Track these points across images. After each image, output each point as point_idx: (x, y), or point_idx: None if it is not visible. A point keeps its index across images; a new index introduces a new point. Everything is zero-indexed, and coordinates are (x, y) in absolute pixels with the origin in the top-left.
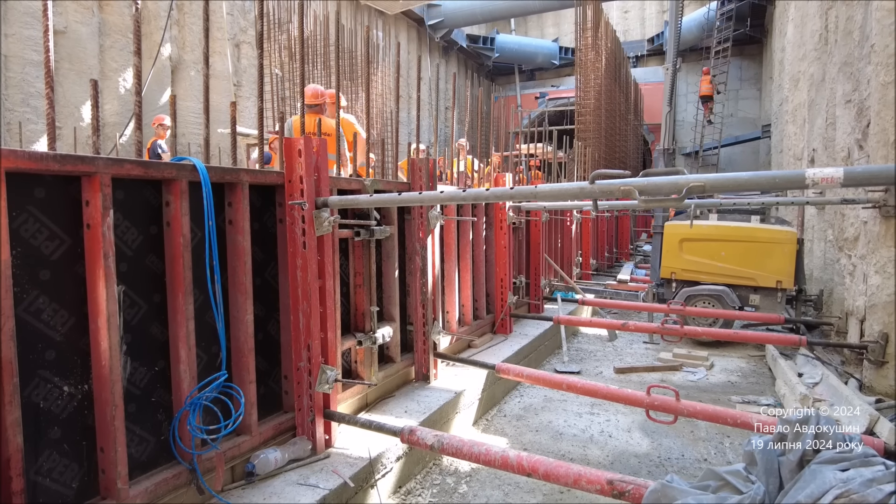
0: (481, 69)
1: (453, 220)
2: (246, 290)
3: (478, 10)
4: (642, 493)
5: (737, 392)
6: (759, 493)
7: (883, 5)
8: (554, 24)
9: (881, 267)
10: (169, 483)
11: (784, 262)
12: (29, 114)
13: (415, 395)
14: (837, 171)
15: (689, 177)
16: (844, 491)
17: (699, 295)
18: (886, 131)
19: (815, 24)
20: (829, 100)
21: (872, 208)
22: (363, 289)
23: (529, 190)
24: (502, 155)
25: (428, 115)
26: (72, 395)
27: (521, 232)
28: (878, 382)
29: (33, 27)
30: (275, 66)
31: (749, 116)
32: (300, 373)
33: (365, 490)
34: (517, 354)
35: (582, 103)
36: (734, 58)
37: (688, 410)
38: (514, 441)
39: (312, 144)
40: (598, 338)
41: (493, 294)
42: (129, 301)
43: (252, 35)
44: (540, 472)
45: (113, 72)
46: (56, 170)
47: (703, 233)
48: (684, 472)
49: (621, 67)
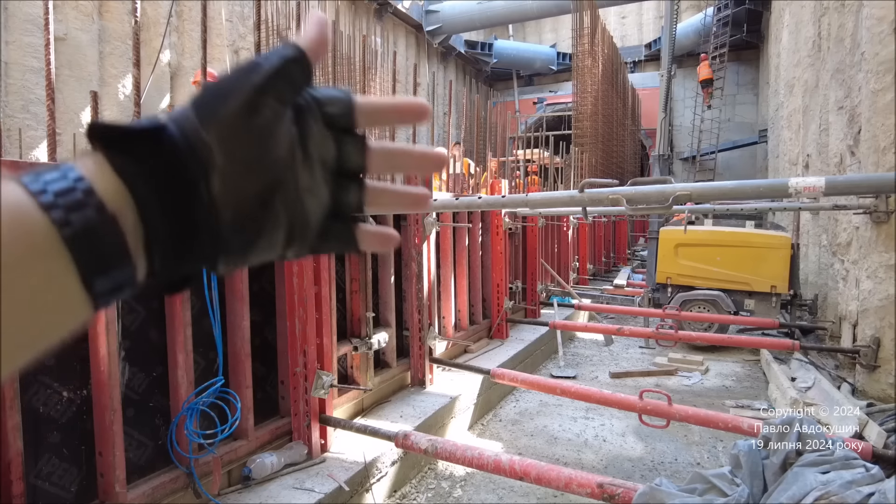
0: (479, 75)
1: (449, 227)
2: (243, 296)
3: (476, 15)
4: (631, 496)
5: (731, 396)
6: (743, 496)
7: (873, 14)
8: (552, 29)
9: (873, 272)
10: (166, 487)
11: (778, 267)
12: (29, 120)
13: (410, 400)
14: (819, 180)
15: (676, 185)
16: (825, 493)
17: (695, 300)
18: (877, 138)
19: (808, 30)
20: (823, 106)
21: (864, 214)
22: (359, 295)
23: (521, 198)
24: (499, 160)
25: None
26: (71, 400)
27: (517, 237)
28: (870, 386)
29: (33, 34)
30: None
31: (746, 121)
32: (296, 378)
33: (360, 494)
34: (513, 359)
35: (579, 109)
36: (731, 63)
37: (680, 415)
38: (509, 445)
39: None
40: (594, 342)
41: (489, 299)
42: (127, 307)
43: (251, 41)
44: (532, 476)
45: (112, 78)
46: None
47: (699, 238)
48: (677, 476)
49: (619, 73)
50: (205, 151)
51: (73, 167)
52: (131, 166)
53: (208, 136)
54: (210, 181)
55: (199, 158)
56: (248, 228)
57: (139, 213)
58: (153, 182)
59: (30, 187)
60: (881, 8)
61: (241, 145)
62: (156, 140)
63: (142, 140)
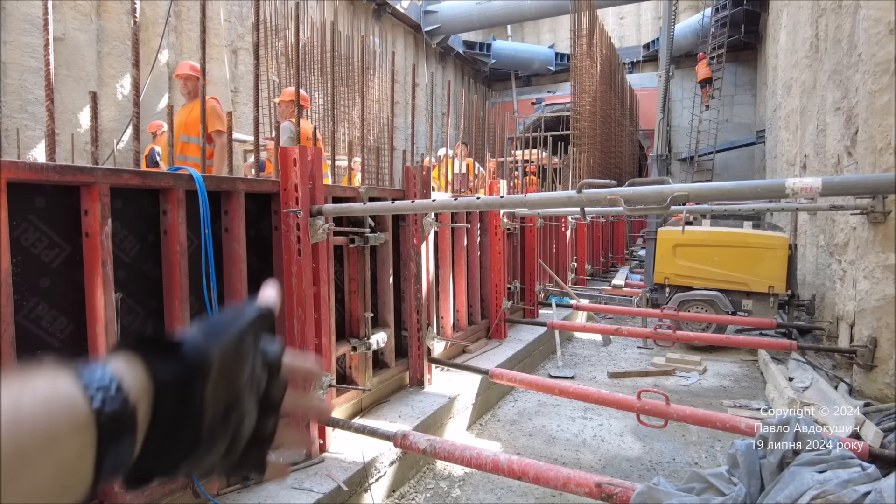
0: (478, 75)
1: (448, 227)
2: (242, 296)
3: (474, 16)
4: (629, 495)
5: (729, 396)
6: (740, 495)
7: (870, 15)
8: (550, 30)
9: (870, 272)
10: (165, 487)
11: (776, 268)
12: (27, 120)
13: (409, 400)
14: (816, 180)
15: (674, 186)
16: (822, 492)
17: (692, 300)
18: (874, 139)
19: (806, 31)
20: (820, 107)
21: (861, 214)
22: (358, 295)
23: (519, 199)
24: (498, 161)
25: (424, 122)
26: None
27: (515, 237)
28: (867, 386)
29: (31, 34)
30: (272, 73)
31: (744, 122)
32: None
33: (359, 494)
34: (511, 359)
35: (577, 109)
36: (729, 63)
37: (678, 414)
38: (507, 445)
39: (307, 153)
40: (592, 343)
41: (487, 299)
42: (126, 308)
43: (249, 41)
44: (530, 476)
45: (111, 78)
46: (56, 180)
47: (697, 238)
48: (675, 476)
49: (617, 73)
50: (207, 364)
51: (109, 368)
52: (159, 365)
53: (212, 353)
54: (205, 388)
55: (203, 368)
56: (210, 435)
57: (153, 406)
58: (171, 379)
59: (80, 380)
60: (878, 9)
61: (228, 364)
62: (177, 349)
63: (171, 346)
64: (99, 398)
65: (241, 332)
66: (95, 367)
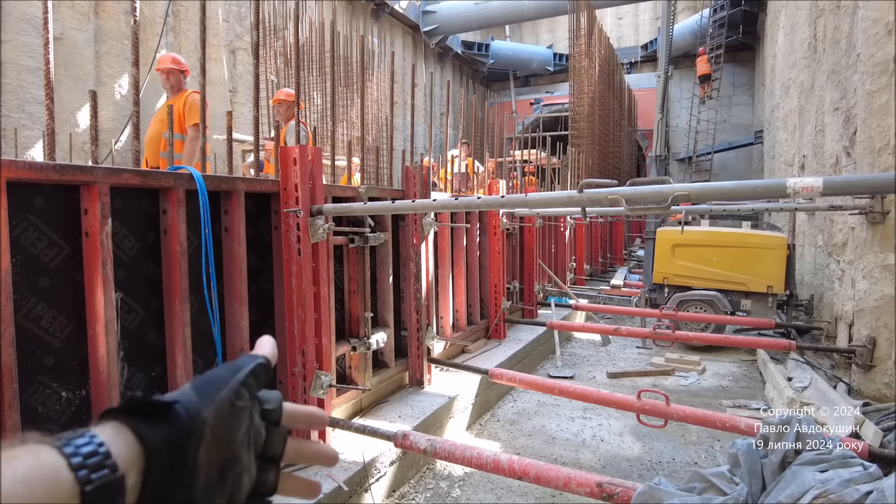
0: (476, 75)
1: (447, 227)
2: (242, 296)
3: (473, 16)
4: (630, 495)
5: (728, 396)
6: (742, 494)
7: (869, 15)
8: (549, 30)
9: (868, 272)
10: None
11: (775, 268)
12: (25, 120)
13: (409, 400)
14: (817, 180)
15: (675, 186)
16: (823, 491)
17: (691, 300)
18: (872, 139)
19: (804, 32)
20: (818, 107)
21: (859, 214)
22: (357, 295)
23: (520, 198)
24: (496, 161)
25: (423, 121)
26: (70, 400)
27: (515, 238)
28: (866, 386)
29: (29, 34)
30: (270, 73)
31: (742, 122)
32: (295, 378)
33: (359, 494)
34: (511, 359)
35: (576, 109)
36: (727, 64)
37: (677, 414)
38: (507, 445)
39: (307, 153)
40: (591, 343)
41: (487, 299)
42: (126, 307)
43: (248, 41)
44: (531, 476)
45: (109, 77)
46: (56, 179)
47: (695, 238)
48: (675, 475)
49: (615, 73)
50: (200, 426)
51: (97, 434)
52: (148, 431)
53: (206, 413)
54: (198, 450)
55: (195, 430)
56: (205, 496)
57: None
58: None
59: (63, 450)
60: (877, 10)
61: (223, 423)
62: (168, 411)
63: (160, 410)
64: (84, 469)
65: (236, 387)
66: (82, 436)
